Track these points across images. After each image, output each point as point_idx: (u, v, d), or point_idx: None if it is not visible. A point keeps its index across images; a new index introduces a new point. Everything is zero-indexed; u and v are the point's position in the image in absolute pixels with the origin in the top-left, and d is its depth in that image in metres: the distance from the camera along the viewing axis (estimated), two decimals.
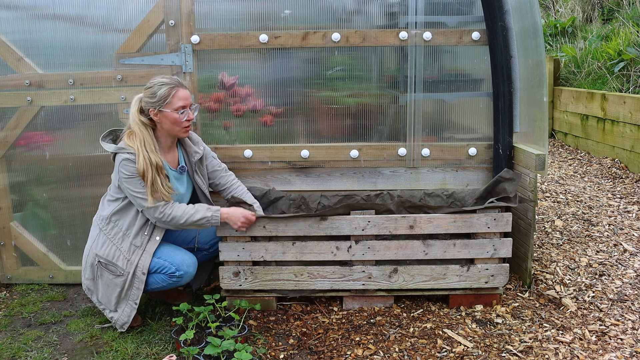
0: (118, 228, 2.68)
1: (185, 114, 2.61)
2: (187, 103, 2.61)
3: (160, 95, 2.57)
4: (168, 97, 2.57)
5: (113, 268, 2.66)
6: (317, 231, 2.78)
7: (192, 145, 2.81)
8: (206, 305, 2.74)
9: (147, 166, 2.54)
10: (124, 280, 2.65)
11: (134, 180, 2.57)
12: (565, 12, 8.52)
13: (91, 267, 2.72)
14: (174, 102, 2.58)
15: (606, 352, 2.43)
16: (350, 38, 3.01)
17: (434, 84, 3.08)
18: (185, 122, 2.63)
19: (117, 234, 2.68)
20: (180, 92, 2.59)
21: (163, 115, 2.59)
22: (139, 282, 2.66)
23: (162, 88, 2.57)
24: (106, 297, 2.72)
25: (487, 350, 2.49)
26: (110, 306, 2.72)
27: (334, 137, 3.17)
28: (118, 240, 2.67)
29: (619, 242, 3.45)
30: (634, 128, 4.82)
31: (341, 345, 2.58)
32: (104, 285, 2.70)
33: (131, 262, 2.64)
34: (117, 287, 2.67)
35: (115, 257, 2.65)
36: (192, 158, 2.79)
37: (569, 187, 4.64)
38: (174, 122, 2.61)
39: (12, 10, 3.11)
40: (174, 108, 2.58)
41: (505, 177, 2.82)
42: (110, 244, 2.67)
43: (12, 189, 3.28)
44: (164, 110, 2.58)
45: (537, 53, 2.85)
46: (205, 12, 3.05)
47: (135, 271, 2.64)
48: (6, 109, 3.18)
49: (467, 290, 2.86)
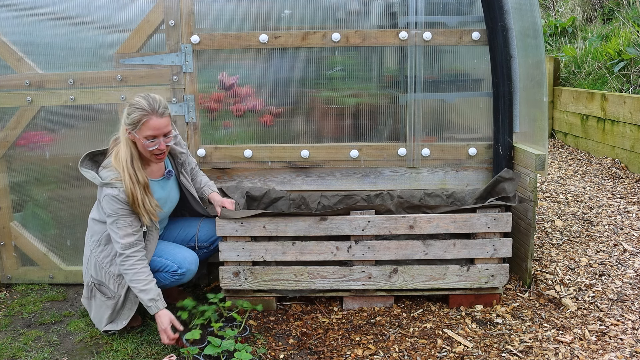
0: (107, 252, 2.65)
1: (156, 143, 2.47)
2: (158, 133, 2.46)
3: (132, 119, 2.44)
4: (138, 123, 2.44)
5: (105, 290, 2.66)
6: (317, 231, 2.78)
7: (176, 147, 2.73)
8: (209, 304, 2.74)
9: (135, 186, 2.45)
10: (114, 302, 2.66)
11: (114, 218, 2.50)
12: (565, 12, 8.52)
13: (87, 286, 2.74)
14: (143, 129, 2.44)
15: (606, 352, 2.43)
16: (350, 38, 3.01)
17: (434, 84, 3.08)
18: (157, 150, 2.49)
19: (106, 258, 2.65)
20: (151, 122, 2.43)
21: (135, 137, 2.49)
22: (132, 303, 2.67)
23: (135, 112, 2.44)
24: (97, 318, 2.73)
25: (487, 350, 2.49)
26: (100, 326, 2.73)
27: (334, 137, 3.17)
28: (107, 264, 2.65)
29: (619, 242, 3.45)
30: (634, 128, 4.82)
31: (341, 345, 2.58)
32: (97, 306, 2.72)
33: (122, 285, 2.64)
34: (108, 310, 2.68)
35: (106, 279, 2.65)
36: (179, 159, 2.76)
37: (569, 187, 4.64)
38: (143, 148, 2.50)
39: (12, 10, 3.11)
40: (143, 136, 2.45)
41: (505, 177, 2.83)
42: (99, 267, 2.66)
43: (12, 189, 3.28)
44: (134, 134, 2.47)
45: (537, 53, 2.85)
46: (205, 12, 3.04)
47: (127, 294, 2.65)
48: (6, 109, 3.18)
49: (467, 290, 2.86)
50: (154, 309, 2.53)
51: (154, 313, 2.53)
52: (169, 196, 2.73)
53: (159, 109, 2.46)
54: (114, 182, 2.48)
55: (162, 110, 2.47)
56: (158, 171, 2.70)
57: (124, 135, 2.51)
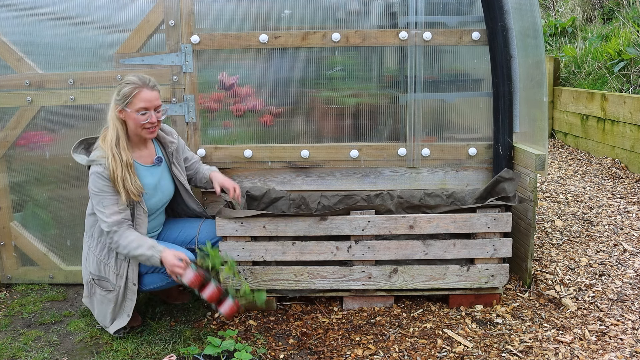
0: (102, 244, 2.65)
1: (148, 116, 2.53)
2: (149, 105, 2.52)
3: (122, 94, 2.51)
4: (129, 96, 2.50)
5: (105, 283, 2.65)
6: (317, 231, 2.78)
7: (166, 136, 2.76)
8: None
9: (117, 164, 2.49)
10: (116, 295, 2.65)
11: (99, 197, 2.52)
12: (565, 12, 8.53)
13: (87, 284, 2.73)
14: (134, 102, 2.50)
15: (606, 352, 2.43)
16: (350, 38, 3.01)
17: (434, 84, 3.08)
18: (148, 124, 2.55)
19: (102, 250, 2.65)
20: (142, 94, 2.51)
21: (126, 114, 2.54)
22: (131, 293, 2.65)
23: (126, 87, 2.52)
24: (101, 315, 2.72)
25: (487, 350, 2.49)
26: (106, 323, 2.72)
27: (334, 137, 3.17)
28: (104, 256, 2.65)
29: (619, 242, 3.45)
30: (634, 128, 4.82)
31: (341, 345, 2.58)
32: (98, 302, 2.71)
33: (120, 275, 2.63)
34: (110, 303, 2.67)
35: (105, 272, 2.65)
36: (169, 148, 2.76)
37: (569, 187, 4.64)
38: (136, 123, 2.54)
39: (12, 10, 3.11)
40: (134, 109, 2.51)
41: (505, 177, 2.83)
42: (98, 261, 2.65)
43: (12, 189, 3.28)
44: (126, 110, 2.53)
45: (537, 53, 2.85)
46: (205, 12, 3.04)
47: (126, 283, 2.64)
48: (6, 109, 3.18)
49: (467, 290, 2.86)
50: (155, 255, 2.47)
51: (158, 260, 2.47)
52: (158, 184, 2.71)
53: (149, 82, 2.56)
54: (98, 159, 2.52)
55: (152, 84, 2.56)
56: (148, 157, 2.71)
57: (113, 115, 2.56)
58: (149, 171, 2.69)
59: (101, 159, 2.52)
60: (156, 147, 2.77)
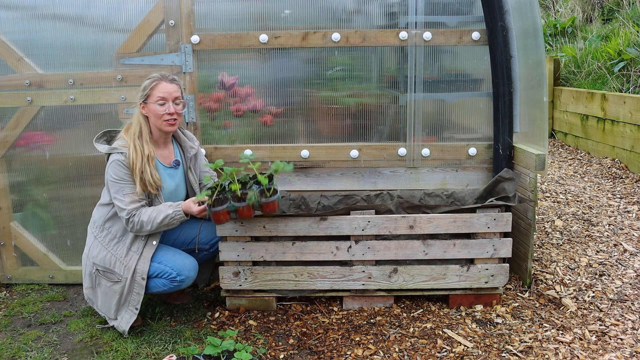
0: (112, 234, 2.68)
1: (166, 107, 2.62)
2: (167, 96, 2.62)
3: (143, 88, 2.64)
4: (148, 88, 2.62)
5: (110, 275, 2.65)
6: (317, 231, 2.78)
7: (188, 141, 2.84)
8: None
9: (138, 154, 2.57)
10: (122, 286, 2.65)
11: (119, 185, 2.58)
12: (565, 12, 8.53)
13: (89, 275, 2.72)
14: (154, 94, 2.62)
15: (606, 352, 2.43)
16: (350, 38, 3.01)
17: (434, 84, 3.08)
18: (167, 115, 2.63)
19: (112, 240, 2.67)
20: (161, 85, 2.62)
21: (147, 108, 2.64)
22: (139, 287, 2.65)
23: (146, 81, 2.65)
24: (105, 306, 2.71)
25: (487, 350, 2.49)
26: (110, 314, 2.71)
27: (334, 137, 3.17)
28: (113, 246, 2.66)
29: (619, 242, 3.45)
30: (634, 128, 4.82)
31: (341, 345, 2.58)
32: (103, 293, 2.70)
33: (128, 267, 2.63)
34: (116, 295, 2.67)
35: (112, 263, 2.65)
36: (188, 153, 2.82)
37: (569, 187, 4.64)
38: (155, 114, 2.63)
39: (12, 10, 3.11)
40: (154, 100, 2.62)
41: (505, 177, 2.83)
42: (105, 251, 2.66)
43: (12, 189, 3.28)
44: (147, 103, 2.63)
45: (537, 53, 2.85)
46: (205, 12, 3.05)
47: (134, 276, 2.63)
48: (6, 109, 3.18)
49: (467, 290, 2.86)
50: (178, 212, 2.57)
51: (182, 213, 2.57)
52: (176, 189, 2.77)
53: (168, 77, 2.68)
54: (120, 148, 2.61)
55: (171, 78, 2.68)
56: (168, 157, 2.76)
57: (137, 112, 2.68)
58: (168, 173, 2.74)
59: (122, 148, 2.61)
60: (175, 150, 2.81)
